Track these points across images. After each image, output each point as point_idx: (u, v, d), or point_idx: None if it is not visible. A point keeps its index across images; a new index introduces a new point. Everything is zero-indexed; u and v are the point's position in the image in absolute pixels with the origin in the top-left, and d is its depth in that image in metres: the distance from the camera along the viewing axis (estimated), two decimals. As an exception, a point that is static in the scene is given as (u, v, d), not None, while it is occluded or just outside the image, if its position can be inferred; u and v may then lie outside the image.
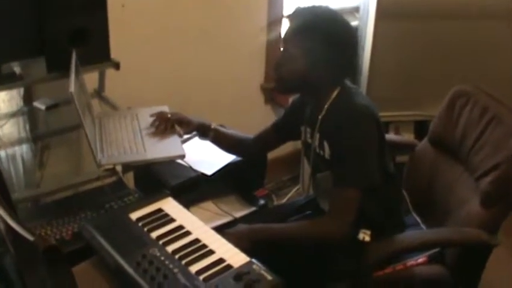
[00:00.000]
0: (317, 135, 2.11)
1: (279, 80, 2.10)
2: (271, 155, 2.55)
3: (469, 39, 3.51)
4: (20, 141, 2.62)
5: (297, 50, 2.00)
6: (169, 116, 2.38)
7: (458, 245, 2.17)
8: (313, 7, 2.04)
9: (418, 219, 2.42)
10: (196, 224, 1.79)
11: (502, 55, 3.56)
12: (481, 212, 2.16)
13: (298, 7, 2.05)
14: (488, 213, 2.15)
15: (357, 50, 2.09)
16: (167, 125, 2.36)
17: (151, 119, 2.40)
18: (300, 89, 2.16)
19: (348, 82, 2.11)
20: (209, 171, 2.39)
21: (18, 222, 1.12)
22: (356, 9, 3.73)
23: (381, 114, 2.08)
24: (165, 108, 2.45)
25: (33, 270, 1.31)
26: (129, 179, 2.38)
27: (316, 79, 2.03)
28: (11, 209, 1.23)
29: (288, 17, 2.05)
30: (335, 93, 2.06)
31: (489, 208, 2.15)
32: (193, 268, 1.57)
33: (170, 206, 1.88)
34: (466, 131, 2.33)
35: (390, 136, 3.19)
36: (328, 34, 1.97)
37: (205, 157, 2.45)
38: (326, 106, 2.06)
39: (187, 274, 1.55)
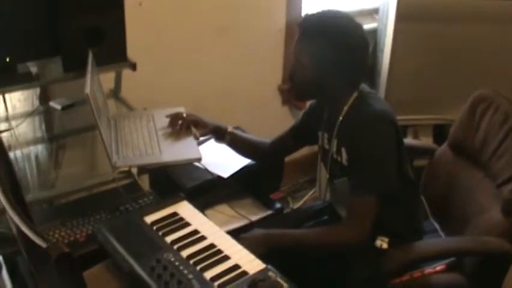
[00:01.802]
0: (335, 141, 2.09)
1: (294, 88, 2.10)
2: (288, 157, 2.53)
3: (489, 42, 3.47)
4: (35, 141, 2.62)
5: (308, 56, 1.99)
6: (185, 116, 2.36)
7: (478, 254, 2.14)
8: (322, 12, 2.03)
9: (436, 226, 2.39)
10: (212, 228, 1.77)
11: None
12: (501, 220, 2.12)
13: (307, 14, 2.04)
14: (509, 221, 2.11)
15: (368, 52, 2.06)
16: (183, 126, 2.34)
17: (167, 120, 2.38)
18: (315, 95, 2.15)
19: (366, 87, 2.09)
20: (225, 174, 2.38)
21: (32, 227, 1.10)
22: (376, 11, 3.70)
23: (399, 117, 2.05)
24: (181, 110, 2.43)
25: (46, 275, 1.30)
26: (144, 181, 2.36)
27: (329, 84, 2.02)
28: (25, 213, 1.21)
29: (298, 25, 2.03)
30: (352, 99, 2.04)
31: (510, 216, 2.11)
32: (208, 274, 1.56)
33: (185, 209, 1.87)
34: (487, 137, 2.29)
35: (409, 140, 3.17)
36: (336, 38, 1.95)
37: (222, 159, 2.43)
38: (343, 112, 2.04)
39: (202, 280, 1.54)
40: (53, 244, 1.03)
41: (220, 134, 2.36)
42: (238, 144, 2.38)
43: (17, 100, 2.59)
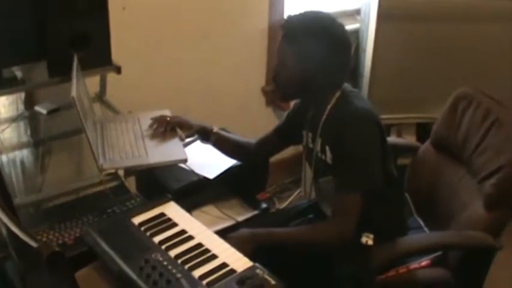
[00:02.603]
0: (319, 140, 2.11)
1: (278, 88, 2.12)
2: (273, 158, 2.54)
3: (471, 42, 3.51)
4: (21, 146, 2.62)
5: (291, 57, 2.01)
6: (168, 118, 2.38)
7: (462, 248, 2.17)
8: (304, 13, 2.04)
9: (421, 222, 2.41)
10: (199, 228, 1.79)
11: (503, 57, 3.55)
12: (484, 214, 2.16)
13: (290, 15, 2.06)
14: (492, 215, 2.14)
15: (350, 51, 2.09)
16: (167, 127, 2.35)
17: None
18: (299, 94, 2.17)
19: (348, 86, 2.11)
20: (211, 175, 2.39)
21: (21, 228, 1.11)
22: (357, 12, 3.73)
23: (382, 116, 2.08)
24: (166, 112, 2.45)
25: (37, 277, 1.31)
26: (131, 183, 2.37)
27: (313, 84, 2.03)
28: (14, 214, 1.22)
29: (281, 26, 2.05)
30: (335, 98, 2.06)
31: (492, 211, 2.15)
32: (196, 273, 1.57)
33: (172, 210, 1.88)
34: (468, 134, 2.33)
35: (392, 139, 3.19)
36: (319, 38, 1.97)
37: (207, 161, 2.45)
38: (326, 111, 2.07)
39: (191, 279, 1.55)
40: (44, 243, 1.05)
41: (205, 135, 2.38)
42: (224, 145, 2.40)
43: (2, 105, 2.58)
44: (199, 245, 1.70)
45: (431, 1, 3.39)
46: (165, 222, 1.81)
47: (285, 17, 2.08)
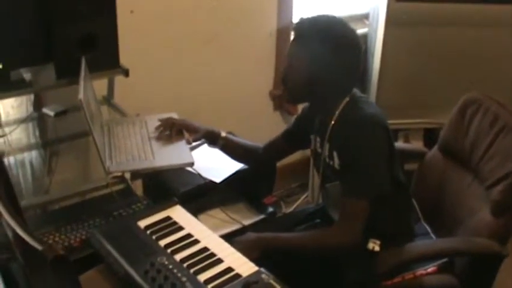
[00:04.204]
0: (327, 145, 2.11)
1: (287, 91, 2.11)
2: (280, 162, 2.54)
3: (478, 47, 3.50)
4: (29, 148, 2.63)
5: (301, 60, 2.01)
6: (175, 121, 2.37)
7: (469, 255, 2.16)
8: (317, 16, 2.04)
9: (428, 228, 2.40)
10: (205, 232, 1.79)
11: (511, 62, 3.54)
12: (491, 221, 2.15)
13: (302, 18, 2.06)
14: (499, 222, 2.13)
15: (360, 56, 2.08)
16: (173, 130, 2.35)
17: (159, 126, 2.40)
18: (308, 98, 2.16)
19: (357, 91, 2.10)
20: (218, 179, 2.39)
21: (27, 230, 1.11)
22: (366, 16, 3.73)
23: (390, 121, 2.07)
24: (174, 115, 2.45)
25: (41, 279, 1.31)
26: (137, 186, 2.38)
27: (322, 88, 2.03)
28: (20, 216, 1.23)
29: (293, 28, 2.05)
30: (344, 103, 2.05)
31: (499, 217, 2.14)
32: (202, 277, 1.57)
33: (178, 214, 1.88)
34: (476, 140, 2.32)
35: (400, 144, 3.18)
36: (330, 42, 1.97)
37: (214, 164, 2.45)
38: (335, 116, 2.06)
39: (196, 283, 1.55)
40: (48, 246, 1.05)
41: (213, 139, 2.37)
42: (231, 149, 2.39)
43: (10, 107, 2.59)
44: (205, 249, 1.69)
45: (439, 6, 3.38)
46: (171, 226, 1.81)
47: (295, 20, 2.07)
